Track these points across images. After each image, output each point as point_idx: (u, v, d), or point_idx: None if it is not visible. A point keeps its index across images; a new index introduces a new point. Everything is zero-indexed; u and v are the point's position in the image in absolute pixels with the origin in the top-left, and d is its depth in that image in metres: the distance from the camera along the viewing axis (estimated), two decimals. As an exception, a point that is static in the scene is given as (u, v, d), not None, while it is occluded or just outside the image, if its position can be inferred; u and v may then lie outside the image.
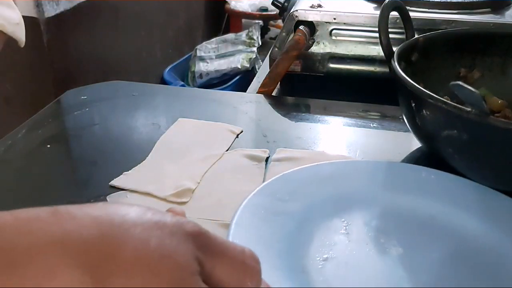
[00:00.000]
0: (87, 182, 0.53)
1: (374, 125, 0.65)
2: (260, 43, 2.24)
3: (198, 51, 2.22)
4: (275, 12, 1.28)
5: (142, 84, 0.79)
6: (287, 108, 0.70)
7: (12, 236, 0.22)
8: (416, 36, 0.63)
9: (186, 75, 2.20)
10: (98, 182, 0.52)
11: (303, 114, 0.69)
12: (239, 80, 2.06)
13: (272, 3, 0.97)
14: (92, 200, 0.49)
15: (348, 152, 0.59)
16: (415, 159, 0.58)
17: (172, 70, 2.15)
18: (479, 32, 0.68)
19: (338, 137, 0.64)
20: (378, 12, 0.60)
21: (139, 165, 0.55)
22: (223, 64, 2.14)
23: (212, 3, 2.55)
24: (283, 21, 0.86)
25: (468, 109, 0.44)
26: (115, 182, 0.52)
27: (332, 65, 0.81)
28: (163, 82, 2.07)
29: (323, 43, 0.80)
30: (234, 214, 0.42)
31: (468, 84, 0.44)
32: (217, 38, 2.31)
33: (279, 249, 0.40)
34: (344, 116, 0.68)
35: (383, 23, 0.58)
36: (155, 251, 0.22)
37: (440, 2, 0.79)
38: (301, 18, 0.78)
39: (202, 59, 2.20)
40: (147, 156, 0.57)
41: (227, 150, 0.58)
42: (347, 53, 0.80)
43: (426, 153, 0.58)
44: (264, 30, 2.49)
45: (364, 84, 0.79)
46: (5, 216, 0.23)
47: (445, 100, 0.46)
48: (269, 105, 0.72)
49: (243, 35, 2.27)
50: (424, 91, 0.48)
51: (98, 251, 0.22)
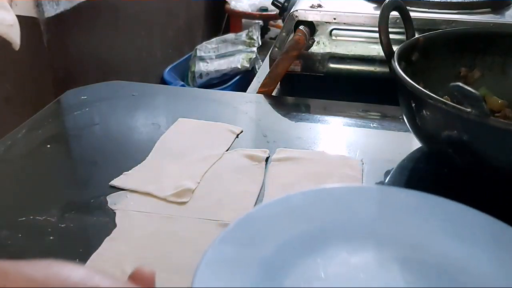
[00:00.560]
0: (87, 182, 0.53)
1: (374, 125, 0.65)
2: (260, 43, 2.24)
3: (198, 51, 2.22)
4: (275, 12, 1.28)
5: (142, 84, 0.79)
6: (287, 108, 0.70)
7: None
8: (416, 36, 0.63)
9: (186, 75, 2.20)
10: (98, 182, 0.52)
11: (303, 114, 0.69)
12: (239, 80, 2.06)
13: (272, 3, 0.97)
14: (92, 200, 0.50)
15: (348, 152, 0.59)
16: (415, 159, 0.58)
17: (172, 70, 2.14)
18: (479, 32, 0.68)
19: (338, 137, 0.64)
20: (378, 12, 0.60)
21: (139, 165, 0.55)
22: (223, 64, 2.14)
23: (212, 3, 2.55)
24: (283, 21, 0.86)
25: (468, 109, 0.44)
26: (115, 182, 0.52)
27: (332, 65, 0.81)
28: (163, 82, 2.07)
29: (323, 43, 0.80)
30: (194, 272, 0.35)
31: (468, 84, 0.44)
32: (217, 38, 2.30)
33: None
34: (344, 116, 0.68)
35: (383, 23, 0.58)
36: None
37: (440, 2, 0.79)
38: (301, 18, 0.78)
39: (202, 59, 2.19)
40: (147, 156, 0.57)
41: (227, 150, 0.58)
42: (347, 53, 0.80)
43: (426, 153, 0.58)
44: (264, 30, 2.48)
45: (364, 84, 0.79)
46: None
47: (445, 101, 0.46)
48: (269, 105, 0.72)
49: (243, 35, 2.27)
50: (424, 91, 0.48)
51: None
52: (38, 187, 0.52)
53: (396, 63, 0.54)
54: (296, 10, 0.79)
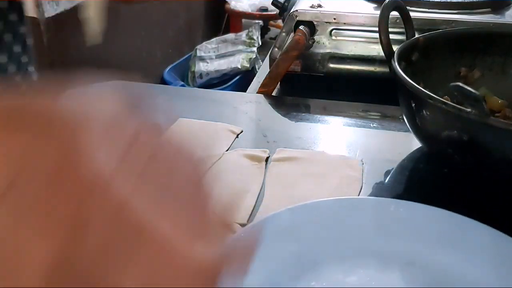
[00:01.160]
0: (87, 182, 0.53)
1: (374, 125, 0.65)
2: (260, 43, 2.24)
3: (198, 51, 2.22)
4: (275, 12, 1.28)
5: (142, 84, 0.79)
6: (287, 108, 0.70)
7: None
8: (416, 36, 0.63)
9: (186, 75, 2.20)
10: (98, 182, 0.52)
11: (303, 114, 0.69)
12: (239, 80, 2.06)
13: (272, 3, 0.97)
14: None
15: (348, 152, 0.58)
16: (415, 159, 0.58)
17: (172, 70, 2.15)
18: (479, 32, 0.68)
19: (338, 137, 0.64)
20: (378, 12, 0.60)
21: (139, 165, 0.55)
22: (223, 64, 2.14)
23: (212, 3, 2.55)
24: (283, 21, 0.86)
25: (468, 109, 0.44)
26: (115, 182, 0.52)
27: (332, 65, 0.81)
28: (163, 82, 2.07)
29: (323, 43, 0.80)
30: None
31: (468, 84, 0.44)
32: (217, 38, 2.30)
33: None
34: (344, 116, 0.68)
35: (383, 23, 0.58)
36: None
37: (440, 2, 0.79)
38: (301, 18, 0.78)
39: (202, 59, 2.20)
40: (147, 156, 0.57)
41: (227, 150, 0.58)
42: (347, 53, 0.80)
43: (426, 153, 0.58)
44: (264, 30, 2.48)
45: (364, 84, 0.79)
46: None
47: (445, 101, 0.46)
48: (269, 105, 0.72)
49: (243, 35, 2.27)
50: (424, 91, 0.48)
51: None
52: (38, 187, 0.52)
53: (396, 63, 0.54)
54: (296, 10, 0.79)
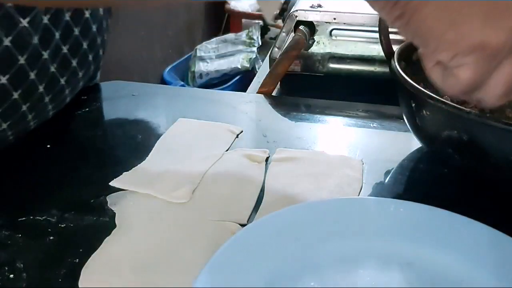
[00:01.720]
0: (87, 182, 0.53)
1: (374, 125, 0.65)
2: (260, 43, 2.24)
3: (198, 51, 2.22)
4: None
5: (142, 84, 0.79)
6: (287, 108, 0.70)
7: None
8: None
9: (186, 75, 2.20)
10: (98, 182, 0.52)
11: (303, 114, 0.69)
12: (239, 80, 2.06)
13: (272, 3, 0.97)
14: (92, 200, 0.50)
15: (348, 152, 0.59)
16: (415, 159, 0.58)
17: (172, 70, 2.15)
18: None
19: (338, 137, 0.64)
20: (378, 12, 0.60)
21: (139, 165, 0.55)
22: (223, 64, 2.14)
23: (212, 3, 2.55)
24: (283, 21, 0.86)
25: (468, 109, 0.44)
26: (115, 182, 0.52)
27: (332, 65, 0.81)
28: (163, 82, 2.07)
29: (323, 43, 0.80)
30: None
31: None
32: (217, 38, 2.31)
33: None
34: (344, 116, 0.68)
35: (383, 22, 0.58)
36: None
37: (440, 2, 0.78)
38: (301, 18, 0.78)
39: (202, 59, 2.20)
40: (147, 156, 0.57)
41: (227, 150, 0.58)
42: (347, 53, 0.80)
43: (426, 153, 0.58)
44: (264, 30, 2.48)
45: (364, 84, 0.79)
46: None
47: (445, 101, 0.46)
48: (269, 105, 0.72)
49: (243, 35, 2.27)
50: (424, 91, 0.48)
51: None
52: (38, 187, 0.52)
53: (396, 63, 0.54)
54: (296, 10, 0.79)
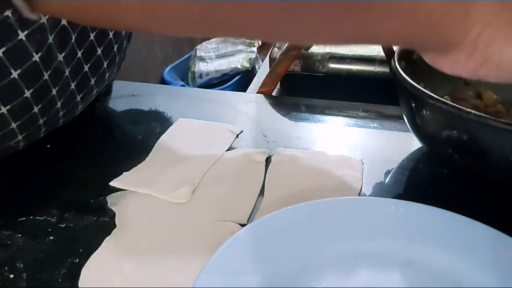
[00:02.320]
0: (87, 182, 0.53)
1: (374, 125, 0.65)
2: (260, 43, 2.24)
3: (198, 51, 2.22)
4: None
5: (142, 84, 0.79)
6: (287, 108, 0.70)
7: None
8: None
9: (186, 75, 2.20)
10: (98, 182, 0.52)
11: (303, 114, 0.69)
12: (239, 80, 2.06)
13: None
14: (92, 200, 0.50)
15: (348, 152, 0.59)
16: (416, 159, 0.58)
17: (172, 70, 2.15)
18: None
19: (338, 137, 0.64)
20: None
21: (139, 165, 0.55)
22: (223, 64, 2.14)
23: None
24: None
25: (468, 109, 0.44)
26: (115, 182, 0.52)
27: (332, 65, 0.81)
28: (163, 82, 2.07)
29: (323, 43, 0.80)
30: None
31: (469, 82, 0.44)
32: (217, 38, 2.30)
33: None
34: (344, 116, 0.68)
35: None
36: None
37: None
38: (301, 18, 0.78)
39: (202, 59, 2.20)
40: (147, 156, 0.57)
41: (227, 150, 0.58)
42: (347, 53, 0.80)
43: (426, 153, 0.58)
44: (264, 30, 2.48)
45: (364, 84, 0.79)
46: None
47: (444, 101, 0.46)
48: (269, 105, 0.72)
49: (243, 35, 2.27)
50: (424, 91, 0.48)
51: None
52: (38, 187, 0.52)
53: (397, 63, 0.54)
54: (296, 10, 0.79)
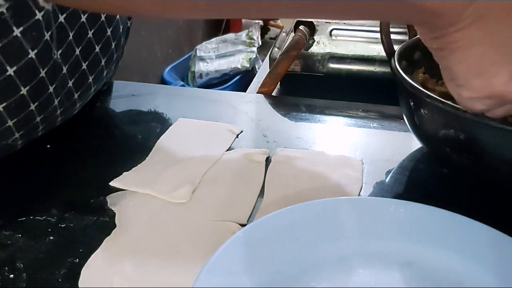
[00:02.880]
0: (87, 182, 0.53)
1: (374, 125, 0.65)
2: (260, 43, 2.24)
3: (198, 51, 2.22)
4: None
5: (142, 84, 0.79)
6: (287, 108, 0.70)
7: None
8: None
9: (186, 75, 2.20)
10: (98, 182, 0.52)
11: (303, 114, 0.69)
12: (239, 80, 2.06)
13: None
14: (92, 200, 0.50)
15: (348, 152, 0.59)
16: (416, 159, 0.58)
17: (172, 70, 2.14)
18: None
19: (338, 137, 0.64)
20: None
21: (139, 165, 0.55)
22: (223, 64, 2.14)
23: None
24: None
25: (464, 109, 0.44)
26: (115, 182, 0.52)
27: (332, 65, 0.81)
28: (163, 82, 2.07)
29: (323, 43, 0.80)
30: None
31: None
32: (217, 38, 2.30)
33: None
34: (344, 116, 0.68)
35: (384, 22, 0.58)
36: None
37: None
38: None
39: (202, 59, 2.19)
40: (147, 156, 0.57)
41: (227, 150, 0.58)
42: (347, 53, 0.80)
43: (426, 153, 0.58)
44: (264, 30, 2.48)
45: (364, 84, 0.79)
46: None
47: (442, 100, 0.46)
48: (269, 105, 0.72)
49: (243, 35, 2.27)
50: (422, 90, 0.48)
51: None
52: (38, 187, 0.52)
53: (397, 62, 0.54)
54: (296, 10, 0.79)
